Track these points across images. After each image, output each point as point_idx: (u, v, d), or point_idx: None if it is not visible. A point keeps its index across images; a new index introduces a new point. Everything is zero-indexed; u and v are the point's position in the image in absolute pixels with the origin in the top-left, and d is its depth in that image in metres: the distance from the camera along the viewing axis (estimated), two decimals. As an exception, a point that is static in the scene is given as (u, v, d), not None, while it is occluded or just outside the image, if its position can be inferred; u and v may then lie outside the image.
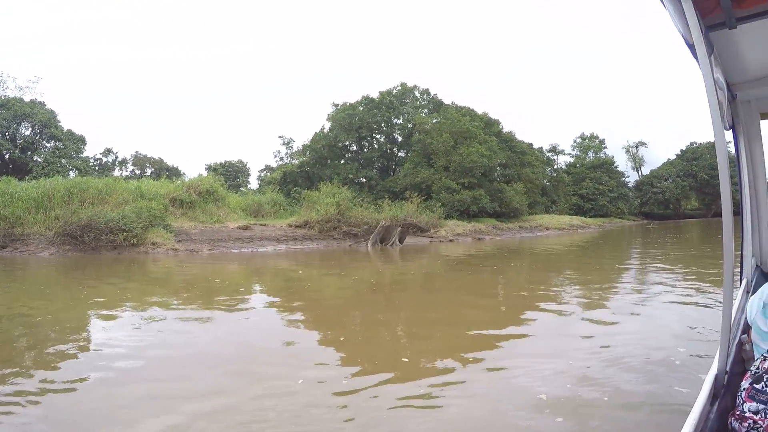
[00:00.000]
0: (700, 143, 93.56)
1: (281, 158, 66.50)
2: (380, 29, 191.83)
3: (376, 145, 62.47)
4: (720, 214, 2.39)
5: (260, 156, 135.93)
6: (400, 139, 63.03)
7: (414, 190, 50.40)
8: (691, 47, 2.38)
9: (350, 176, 56.19)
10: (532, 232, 52.61)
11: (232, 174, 72.43)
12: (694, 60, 2.41)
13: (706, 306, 10.74)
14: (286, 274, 20.51)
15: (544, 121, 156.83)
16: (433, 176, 52.88)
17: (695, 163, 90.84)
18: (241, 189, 64.98)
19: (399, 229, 37.30)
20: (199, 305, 12.72)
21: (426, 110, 65.12)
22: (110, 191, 35.81)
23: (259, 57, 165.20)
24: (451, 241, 41.93)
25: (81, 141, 62.12)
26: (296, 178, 55.99)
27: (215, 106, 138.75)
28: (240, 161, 77.93)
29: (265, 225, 39.25)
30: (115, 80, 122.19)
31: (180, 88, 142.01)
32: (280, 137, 65.71)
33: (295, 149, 66.28)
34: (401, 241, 36.82)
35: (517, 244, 37.78)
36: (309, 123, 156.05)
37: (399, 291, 15.69)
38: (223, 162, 75.40)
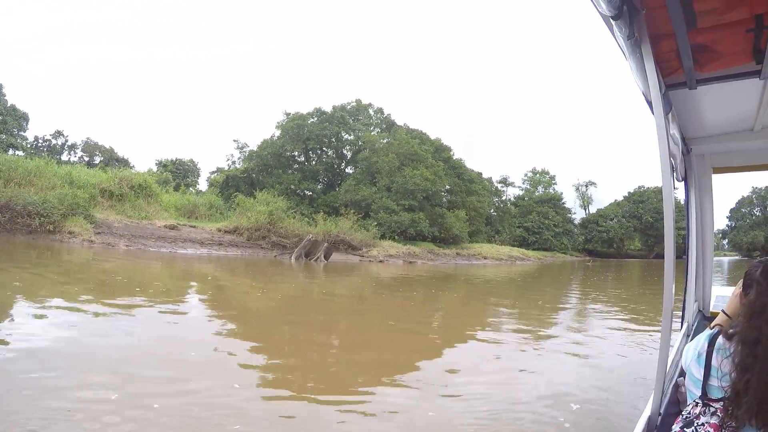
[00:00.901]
0: (648, 187, 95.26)
1: (233, 162, 65.45)
2: (358, 37, 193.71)
3: (324, 159, 62.06)
4: (661, 256, 2.56)
5: (215, 159, 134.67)
6: (348, 155, 62.96)
7: (353, 207, 50.30)
8: (650, 103, 2.45)
9: (292, 187, 55.79)
10: (468, 260, 52.73)
11: (181, 173, 70.63)
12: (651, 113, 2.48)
13: (641, 346, 11.02)
14: (201, 279, 19.99)
15: (498, 153, 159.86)
16: (374, 195, 52.63)
17: (641, 206, 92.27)
18: (190, 189, 63.67)
19: (325, 245, 36.90)
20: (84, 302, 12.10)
21: (378, 129, 65.27)
22: (39, 174, 34.51)
23: (230, 60, 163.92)
24: (381, 261, 41.61)
25: (23, 118, 60.39)
26: (239, 183, 55.12)
27: (179, 104, 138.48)
28: (191, 161, 75.99)
29: (194, 227, 38.60)
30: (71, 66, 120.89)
31: (146, 85, 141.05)
32: (234, 141, 64.83)
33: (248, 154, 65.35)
34: (326, 257, 36.40)
35: (448, 271, 37.55)
36: (266, 129, 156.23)
37: (318, 311, 15.07)
38: (174, 159, 73.46)
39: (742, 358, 2.05)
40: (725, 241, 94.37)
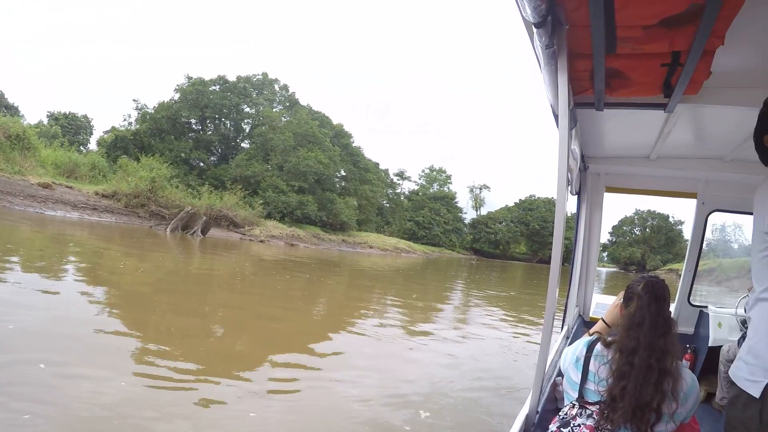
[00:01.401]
0: (539, 197, 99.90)
1: (130, 123, 60.07)
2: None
3: (222, 130, 60.41)
4: (544, 261, 2.62)
5: (114, 117, 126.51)
6: (247, 129, 61.75)
7: (243, 183, 49.48)
8: (556, 117, 2.50)
9: (182, 155, 53.97)
10: (354, 248, 53.22)
11: (73, 128, 66.75)
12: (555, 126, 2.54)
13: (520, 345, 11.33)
14: (57, 248, 18.22)
15: (399, 148, 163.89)
16: (265, 173, 52.04)
17: (530, 213, 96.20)
18: (81, 148, 60.17)
19: (204, 218, 36.22)
20: None
21: (281, 106, 64.50)
22: None
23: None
24: (262, 241, 41.04)
25: None
26: (128, 145, 51.87)
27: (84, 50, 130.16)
28: (85, 116, 71.26)
29: (70, 188, 36.40)
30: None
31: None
32: (134, 100, 59.42)
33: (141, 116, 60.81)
34: (204, 232, 35.69)
35: (329, 257, 37.52)
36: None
37: (190, 294, 13.75)
38: (66, 113, 68.89)
39: (619, 365, 2.16)
40: (605, 254, 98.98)
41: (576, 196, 5.33)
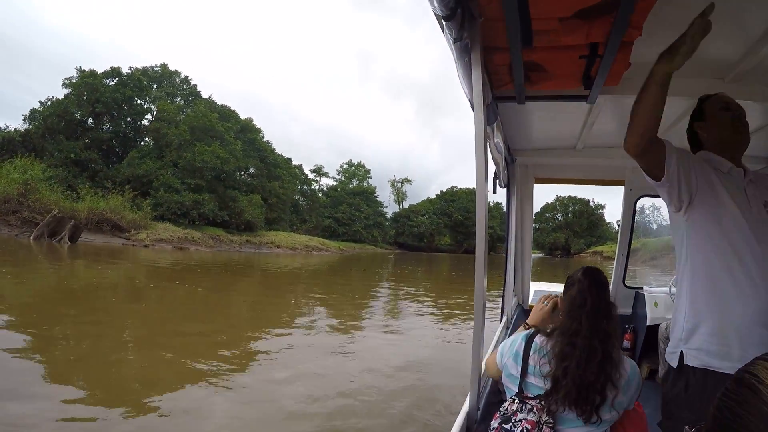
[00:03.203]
0: (460, 188, 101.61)
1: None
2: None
3: (120, 128, 55.30)
4: (469, 252, 2.93)
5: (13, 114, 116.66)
6: (145, 125, 56.80)
7: (135, 182, 45.82)
8: (473, 110, 2.39)
9: (72, 156, 48.53)
10: (258, 249, 49.86)
11: None
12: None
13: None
14: None
15: (316, 143, 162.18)
16: (158, 171, 48.28)
17: (452, 204, 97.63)
18: None
19: (72, 222, 32.59)
20: None
21: (183, 100, 60.98)
22: None
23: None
24: (146, 246, 37.52)
25: None
26: (16, 148, 45.09)
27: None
28: None
29: None
30: None
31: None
32: (48, 99, 52.89)
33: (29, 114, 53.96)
34: (73, 239, 32.12)
35: (223, 260, 33.15)
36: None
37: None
38: None
39: (561, 347, 2.16)
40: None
41: (505, 188, 5.27)
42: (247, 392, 6.75)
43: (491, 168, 4.33)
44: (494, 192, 4.70)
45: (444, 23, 1.86)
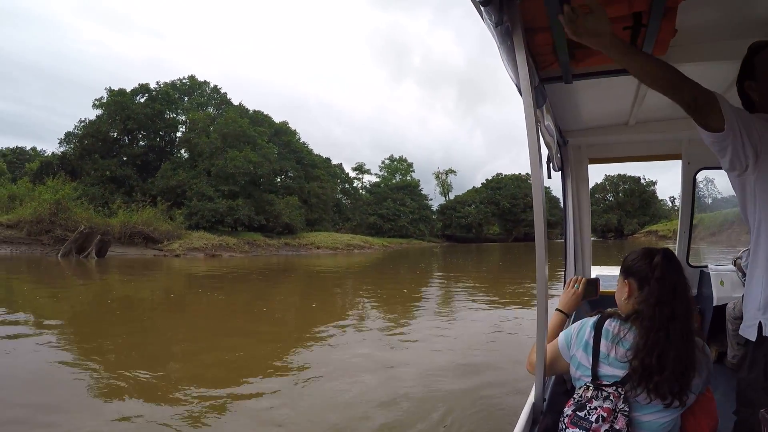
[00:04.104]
0: (505, 174, 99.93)
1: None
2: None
3: (154, 143, 55.78)
4: (519, 240, 35.38)
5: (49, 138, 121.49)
6: (179, 137, 57.27)
7: (169, 194, 45.72)
8: (521, 94, 2.30)
9: (108, 174, 49.36)
10: (297, 251, 48.39)
11: (21, 162, 65.16)
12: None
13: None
14: None
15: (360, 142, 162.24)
16: (191, 180, 48.08)
17: (499, 192, 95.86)
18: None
19: (99, 237, 32.04)
20: None
21: (215, 109, 60.89)
22: None
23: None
24: (177, 256, 36.95)
25: None
26: (55, 171, 46.53)
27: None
28: (33, 149, 71.08)
29: None
30: None
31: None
32: (80, 121, 54.38)
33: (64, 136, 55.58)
34: (100, 253, 31.57)
35: (257, 266, 31.18)
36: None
37: None
38: (14, 148, 69.03)
39: (655, 334, 2.00)
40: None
41: (560, 171, 5.19)
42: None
43: (544, 152, 4.09)
44: (549, 177, 4.55)
45: (482, 8, 1.81)
